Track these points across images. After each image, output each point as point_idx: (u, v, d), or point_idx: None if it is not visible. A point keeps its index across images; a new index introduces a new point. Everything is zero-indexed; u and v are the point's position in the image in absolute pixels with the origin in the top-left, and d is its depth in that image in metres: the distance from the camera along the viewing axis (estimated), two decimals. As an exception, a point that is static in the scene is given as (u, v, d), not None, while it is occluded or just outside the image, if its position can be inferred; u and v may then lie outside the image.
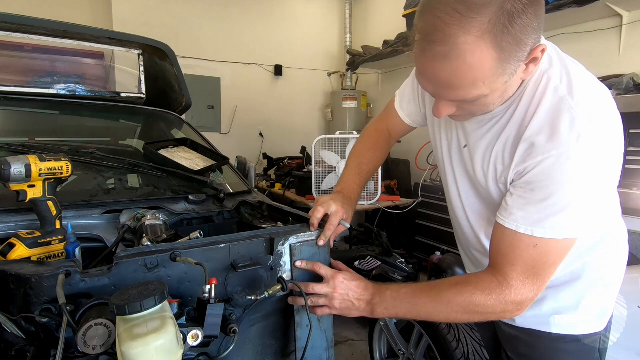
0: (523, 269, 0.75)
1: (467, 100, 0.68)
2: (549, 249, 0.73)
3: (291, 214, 1.26)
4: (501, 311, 0.78)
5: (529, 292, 0.75)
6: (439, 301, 0.82)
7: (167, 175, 1.46)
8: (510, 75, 0.65)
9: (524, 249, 0.74)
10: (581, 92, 0.71)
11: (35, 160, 0.90)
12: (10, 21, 1.49)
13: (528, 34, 0.61)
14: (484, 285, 0.78)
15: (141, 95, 2.01)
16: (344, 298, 0.91)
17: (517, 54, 0.62)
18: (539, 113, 0.72)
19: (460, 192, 0.95)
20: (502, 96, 0.71)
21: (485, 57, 0.60)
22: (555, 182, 0.69)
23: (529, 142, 0.72)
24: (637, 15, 2.36)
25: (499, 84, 0.66)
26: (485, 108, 0.73)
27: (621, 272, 0.93)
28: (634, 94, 2.16)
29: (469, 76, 0.63)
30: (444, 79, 0.65)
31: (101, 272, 0.79)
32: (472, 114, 0.77)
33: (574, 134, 0.68)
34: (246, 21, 4.46)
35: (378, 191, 3.00)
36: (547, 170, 0.70)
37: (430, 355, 1.64)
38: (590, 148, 0.68)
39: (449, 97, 0.70)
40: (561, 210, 0.70)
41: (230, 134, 4.47)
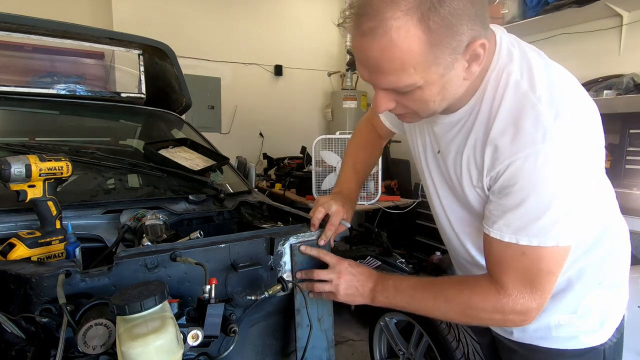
0: (517, 277, 0.72)
1: (400, 89, 0.65)
2: (540, 257, 0.69)
3: (291, 214, 1.26)
4: (501, 319, 0.75)
5: (530, 302, 0.72)
6: (438, 298, 0.81)
7: (167, 175, 1.46)
8: (447, 68, 0.62)
9: (514, 258, 0.71)
10: (544, 85, 0.66)
11: (35, 160, 0.90)
12: (10, 21, 1.49)
13: (461, 20, 0.58)
14: (482, 290, 0.76)
15: (141, 95, 2.01)
16: (348, 284, 0.91)
17: (449, 42, 0.59)
18: (501, 112, 0.68)
19: (442, 200, 0.90)
20: (442, 93, 0.67)
21: (412, 37, 0.57)
22: (527, 186, 0.65)
23: (494, 145, 0.68)
24: (637, 15, 2.36)
25: (433, 75, 0.62)
26: (424, 105, 0.69)
27: (624, 273, 0.88)
28: (634, 94, 2.15)
29: (396, 57, 0.60)
30: (373, 60, 0.62)
31: (101, 272, 0.79)
32: (415, 112, 0.72)
33: (540, 132, 0.63)
34: (246, 21, 4.46)
35: (378, 191, 2.99)
36: (516, 174, 0.66)
37: (430, 355, 1.64)
38: (559, 145, 0.63)
39: (382, 84, 0.66)
40: (541, 215, 0.66)
41: (230, 134, 4.47)
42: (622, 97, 2.18)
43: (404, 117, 0.76)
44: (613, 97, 2.21)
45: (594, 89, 2.32)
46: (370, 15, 0.59)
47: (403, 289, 0.86)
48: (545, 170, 0.64)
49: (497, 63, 0.70)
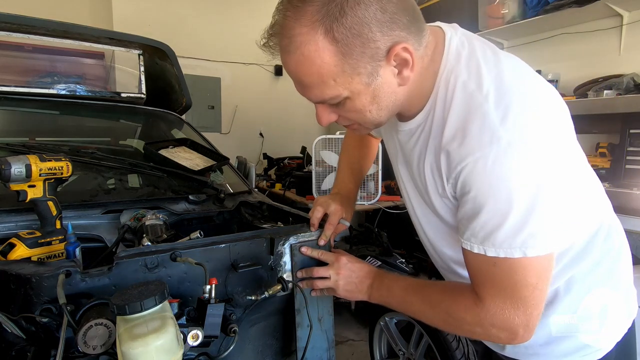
0: (495, 291, 0.66)
1: (327, 101, 0.66)
2: (512, 269, 0.63)
3: (291, 214, 1.26)
4: (483, 333, 0.71)
5: (513, 317, 0.65)
6: (425, 303, 0.80)
7: (167, 175, 1.46)
8: (370, 76, 0.61)
9: (486, 269, 0.66)
10: (492, 83, 0.62)
11: (35, 160, 0.90)
12: (10, 21, 1.49)
13: (370, 28, 0.57)
14: (463, 300, 0.72)
15: (141, 95, 2.01)
16: (347, 280, 0.92)
17: (362, 50, 0.58)
18: (451, 116, 0.65)
19: (415, 209, 0.88)
20: (376, 102, 0.65)
21: (322, 50, 0.58)
22: (481, 193, 0.61)
23: (446, 151, 0.66)
24: (637, 15, 2.36)
25: (357, 85, 0.62)
26: (361, 116, 0.68)
27: (624, 278, 0.81)
28: (634, 93, 2.15)
29: (313, 71, 0.60)
30: (294, 75, 0.64)
31: (101, 272, 0.79)
32: (358, 123, 0.72)
33: (486, 135, 0.60)
34: (246, 21, 4.46)
35: (378, 191, 2.99)
36: (468, 180, 0.63)
37: (430, 355, 1.64)
38: (508, 146, 0.58)
39: (311, 98, 0.67)
40: (502, 222, 0.61)
41: (231, 134, 4.47)
42: (622, 97, 2.17)
43: (351, 128, 0.75)
44: (613, 97, 2.21)
45: (594, 89, 2.32)
46: (281, 34, 0.61)
47: (395, 289, 0.86)
48: (497, 174, 0.59)
49: (445, 66, 0.67)
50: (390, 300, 0.86)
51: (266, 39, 0.64)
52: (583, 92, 2.41)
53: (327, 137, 2.95)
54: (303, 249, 1.00)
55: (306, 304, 0.99)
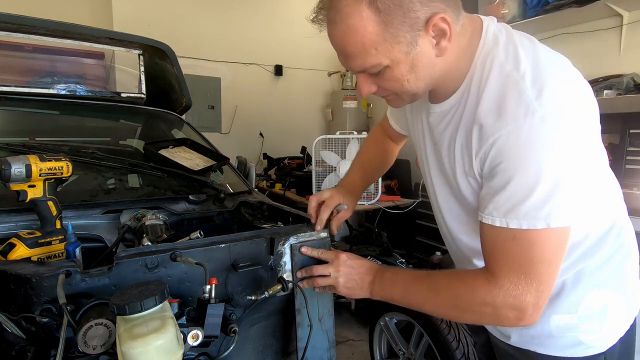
0: (510, 266, 0.67)
1: (368, 70, 0.69)
2: (531, 242, 0.65)
3: (291, 214, 1.26)
4: (493, 314, 0.70)
5: (525, 294, 0.66)
6: (431, 290, 0.79)
7: (167, 175, 1.46)
8: (410, 45, 0.65)
9: (505, 244, 0.67)
10: (529, 63, 0.65)
11: (35, 160, 0.90)
12: (10, 21, 1.49)
13: (411, 7, 0.61)
14: (472, 281, 0.73)
15: (141, 95, 2.01)
16: (348, 277, 0.91)
17: (403, 20, 0.62)
18: (487, 94, 0.68)
19: (438, 196, 0.89)
20: (414, 71, 0.68)
21: (365, 20, 0.62)
22: (512, 164, 0.64)
23: (479, 124, 0.68)
24: (637, 15, 2.36)
25: (397, 54, 0.65)
26: (399, 85, 0.71)
27: (631, 278, 0.81)
28: (634, 93, 2.15)
29: (357, 40, 0.64)
30: (339, 45, 0.68)
31: (101, 272, 0.79)
32: (396, 94, 0.74)
33: (522, 108, 0.62)
34: (246, 21, 4.46)
35: (378, 191, 2.99)
36: (500, 151, 0.65)
37: (431, 355, 1.64)
38: (543, 120, 0.61)
39: (353, 68, 0.70)
40: (529, 195, 0.63)
41: (231, 134, 4.47)
42: (622, 97, 2.17)
43: (389, 101, 0.79)
44: (613, 97, 2.21)
45: (594, 89, 2.31)
46: (329, 7, 0.66)
47: (398, 281, 0.85)
48: (529, 146, 0.62)
49: (482, 48, 0.71)
50: (393, 294, 0.85)
51: (315, 13, 0.69)
52: (583, 92, 2.40)
53: (327, 137, 2.95)
54: (303, 249, 1.00)
55: (306, 304, 0.99)
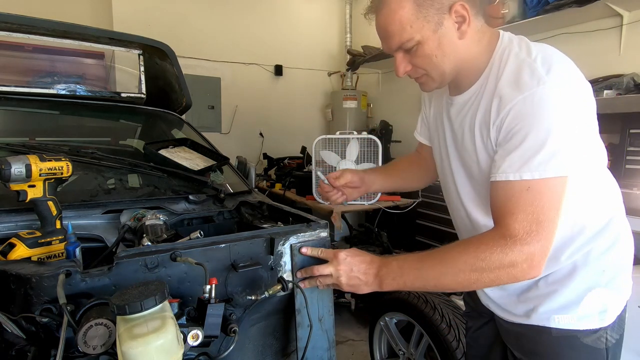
0: (523, 216, 0.75)
1: (404, 45, 0.83)
2: (542, 190, 0.75)
3: (291, 214, 1.26)
4: (509, 265, 0.75)
5: (537, 243, 0.74)
6: (445, 262, 0.82)
7: (167, 175, 1.46)
8: (437, 24, 0.81)
9: (519, 196, 0.76)
10: (539, 52, 0.80)
11: (35, 160, 0.90)
12: (10, 21, 1.49)
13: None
14: (488, 239, 0.78)
15: (141, 95, 2.01)
16: (349, 275, 0.92)
17: (432, 3, 0.79)
18: (505, 74, 0.81)
19: (459, 187, 0.97)
20: (440, 48, 0.83)
21: (403, 2, 0.80)
22: (527, 124, 0.75)
23: (498, 96, 0.80)
24: (637, 15, 2.36)
25: (427, 31, 0.81)
26: (429, 60, 0.85)
27: (627, 265, 0.91)
28: (634, 93, 2.15)
29: (395, 19, 0.81)
30: (382, 27, 0.85)
31: (101, 272, 0.79)
32: (426, 72, 0.88)
33: (535, 80, 0.75)
34: (246, 21, 4.46)
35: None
36: (517, 115, 0.76)
37: (431, 355, 1.64)
38: (552, 88, 0.74)
39: (392, 45, 0.85)
40: (541, 148, 0.74)
41: (231, 134, 4.47)
42: (622, 97, 2.17)
43: (421, 84, 0.92)
44: (613, 97, 2.21)
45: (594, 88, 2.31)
46: (377, 2, 0.85)
47: (408, 265, 0.86)
48: (541, 108, 0.74)
49: (500, 46, 0.85)
50: (405, 279, 0.86)
51: (366, 11, 0.88)
52: (583, 92, 2.40)
53: (327, 137, 2.95)
54: (303, 249, 1.00)
55: (306, 304, 0.99)
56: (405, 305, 1.69)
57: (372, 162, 2.91)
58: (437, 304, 1.60)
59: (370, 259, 0.93)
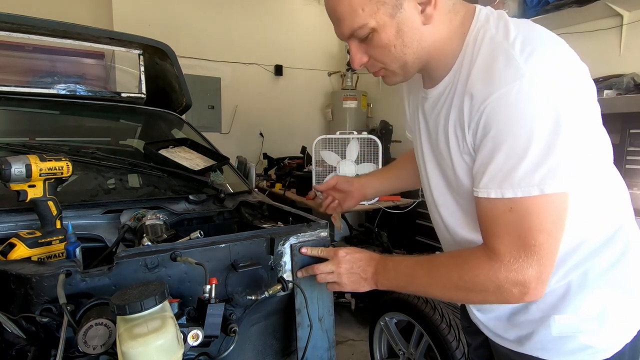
0: (509, 239, 0.65)
1: (356, 32, 0.70)
2: (528, 211, 0.63)
3: (291, 214, 1.26)
4: (496, 291, 0.68)
5: (527, 267, 0.65)
6: (434, 275, 0.79)
7: (167, 175, 1.46)
8: (395, 8, 0.67)
9: (502, 217, 0.66)
10: (520, 33, 0.65)
11: (35, 160, 0.90)
12: (10, 21, 1.49)
13: None
14: (473, 259, 0.72)
15: (141, 95, 2.01)
16: (349, 272, 0.91)
17: None
18: (477, 64, 0.67)
19: (433, 190, 0.88)
20: (399, 36, 0.69)
21: None
22: (502, 130, 0.62)
23: (470, 94, 0.67)
24: (637, 15, 2.36)
25: (383, 16, 0.67)
26: (387, 51, 0.71)
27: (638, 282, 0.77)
28: (635, 93, 2.15)
29: (345, 2, 0.67)
30: (331, 10, 0.71)
31: (101, 272, 0.79)
32: (385, 63, 0.74)
33: (510, 72, 0.61)
34: (246, 21, 4.46)
35: (378, 191, 2.99)
36: (490, 118, 0.64)
37: (431, 355, 1.64)
38: (532, 80, 0.60)
39: (344, 31, 0.72)
40: (521, 159, 0.61)
41: (231, 134, 4.47)
42: (622, 97, 2.17)
43: (383, 77, 0.79)
44: (613, 97, 2.21)
45: (594, 89, 2.32)
46: None
47: (401, 269, 0.85)
48: (519, 109, 0.61)
49: (474, 27, 0.71)
50: (398, 282, 0.85)
51: None
52: (583, 92, 2.40)
53: (327, 137, 2.95)
54: (303, 249, 1.00)
55: (306, 304, 0.99)
56: (405, 305, 1.69)
57: (372, 162, 2.91)
58: (437, 304, 1.60)
59: (369, 256, 0.92)
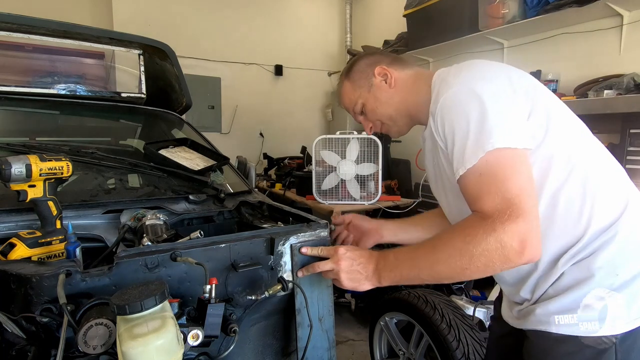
0: (489, 197, 0.76)
1: (357, 109, 1.08)
2: (492, 167, 0.77)
3: (291, 214, 1.26)
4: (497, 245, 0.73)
5: (520, 222, 0.72)
6: (436, 249, 0.82)
7: (167, 175, 1.46)
8: (368, 87, 1.04)
9: (477, 183, 0.78)
10: (457, 67, 0.90)
11: (35, 160, 0.90)
12: (10, 21, 1.49)
13: (363, 68, 1.05)
14: (470, 222, 0.79)
15: (141, 95, 2.01)
16: (349, 269, 0.92)
17: (360, 77, 1.05)
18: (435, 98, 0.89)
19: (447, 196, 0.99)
20: (377, 100, 1.04)
21: (346, 86, 1.09)
22: (449, 122, 0.83)
23: (432, 114, 0.88)
24: (637, 15, 2.36)
25: (364, 93, 1.05)
26: (376, 113, 1.05)
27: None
28: (634, 93, 2.15)
29: (345, 97, 1.10)
30: (340, 102, 1.15)
31: (102, 272, 0.79)
32: (380, 120, 1.07)
33: (445, 87, 0.86)
34: (246, 21, 4.46)
35: (378, 191, 2.99)
36: (441, 120, 0.85)
37: (431, 355, 1.64)
38: (459, 87, 0.83)
39: (353, 111, 1.10)
40: (467, 134, 0.79)
41: (231, 133, 4.47)
42: (622, 97, 2.17)
43: (387, 132, 1.10)
44: (613, 97, 2.21)
45: (594, 88, 2.32)
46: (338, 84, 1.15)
47: (403, 255, 0.87)
48: (453, 105, 0.83)
49: (435, 80, 0.94)
50: (401, 270, 0.87)
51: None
52: (583, 92, 2.40)
53: (327, 137, 2.95)
54: (303, 249, 1.00)
55: (306, 304, 0.99)
56: (405, 305, 1.69)
57: (372, 162, 2.91)
58: (437, 303, 1.60)
59: (369, 254, 0.93)
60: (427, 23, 3.40)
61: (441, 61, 3.70)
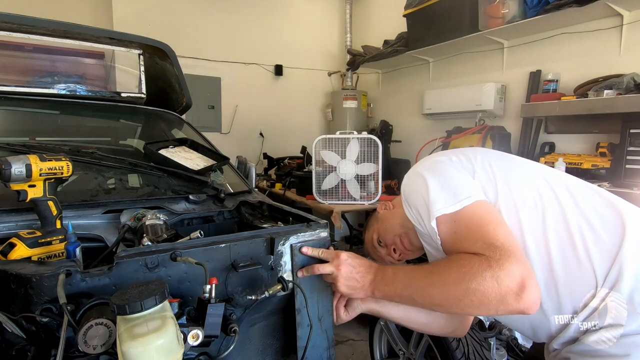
0: (473, 244, 0.79)
1: (376, 244, 1.15)
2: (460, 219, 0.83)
3: (291, 214, 1.26)
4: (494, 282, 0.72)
5: (514, 264, 0.72)
6: (435, 273, 0.82)
7: (167, 175, 1.46)
8: (376, 219, 1.19)
9: (454, 230, 0.84)
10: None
11: (35, 160, 0.90)
12: (10, 21, 1.49)
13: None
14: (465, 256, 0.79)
15: (141, 95, 2.01)
16: (348, 276, 0.93)
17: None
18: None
19: None
20: (384, 224, 1.13)
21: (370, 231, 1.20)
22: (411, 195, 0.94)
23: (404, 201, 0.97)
24: (637, 14, 2.36)
25: (375, 225, 1.17)
26: (386, 236, 1.12)
27: None
28: (634, 93, 2.15)
29: (367, 239, 1.21)
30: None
31: (102, 272, 0.79)
32: (392, 242, 1.11)
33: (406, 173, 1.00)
34: (246, 21, 4.46)
35: (378, 191, 2.99)
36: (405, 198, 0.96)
37: (431, 355, 1.65)
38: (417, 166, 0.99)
39: (382, 244, 1.15)
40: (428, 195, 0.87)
41: (231, 133, 4.47)
42: (622, 97, 2.17)
43: (404, 255, 1.11)
44: (613, 97, 2.21)
45: (594, 88, 2.32)
46: None
47: (401, 273, 0.88)
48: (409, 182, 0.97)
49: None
50: (396, 286, 0.87)
51: None
52: (583, 92, 2.40)
53: (327, 137, 2.95)
54: (303, 249, 1.00)
55: (306, 303, 0.99)
56: (405, 305, 1.69)
57: (372, 162, 2.91)
58: (437, 303, 1.60)
59: (369, 264, 0.94)
60: (427, 23, 3.40)
61: (441, 61, 3.70)
